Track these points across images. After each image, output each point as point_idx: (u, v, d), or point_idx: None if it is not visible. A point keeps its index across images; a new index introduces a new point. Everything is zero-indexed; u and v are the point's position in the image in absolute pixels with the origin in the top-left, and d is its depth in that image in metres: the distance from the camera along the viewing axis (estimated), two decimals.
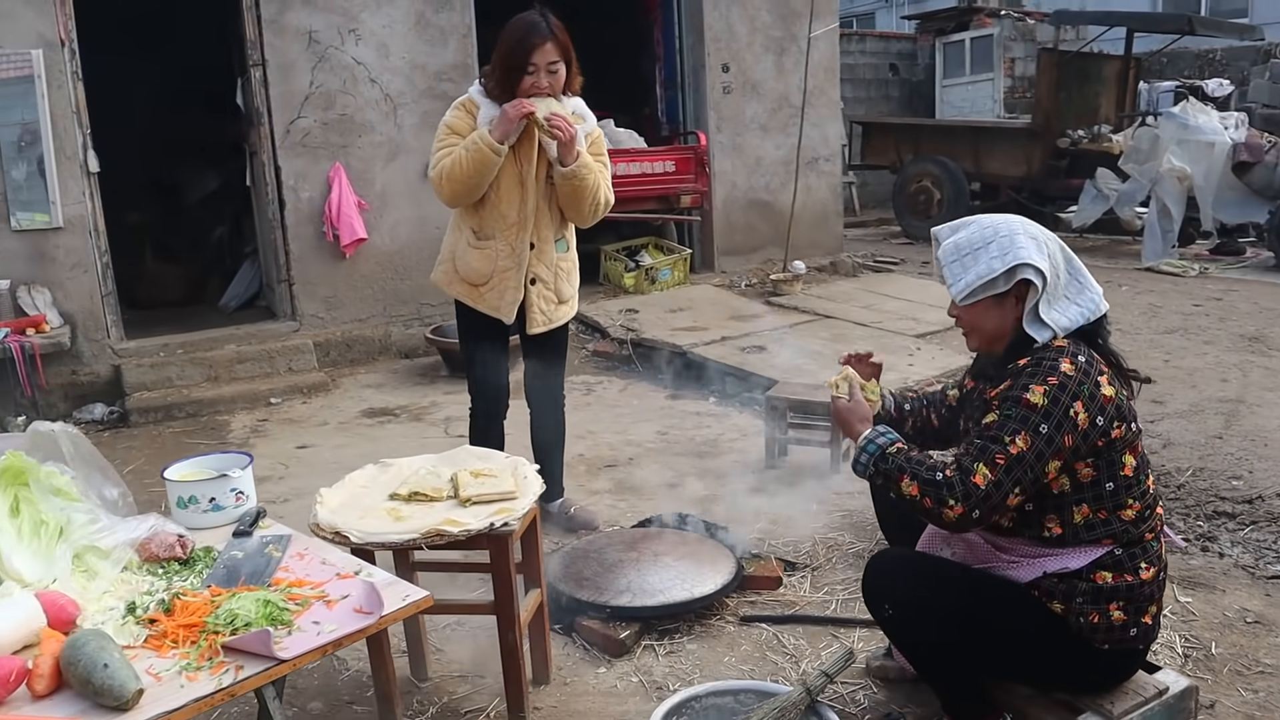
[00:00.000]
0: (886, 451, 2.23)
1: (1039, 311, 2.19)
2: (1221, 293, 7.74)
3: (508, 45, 3.30)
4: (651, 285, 7.69)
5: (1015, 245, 2.18)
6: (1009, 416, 2.11)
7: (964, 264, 2.23)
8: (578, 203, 3.44)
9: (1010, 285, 2.20)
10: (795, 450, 4.63)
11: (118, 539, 1.91)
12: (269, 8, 6.21)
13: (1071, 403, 2.09)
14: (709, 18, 7.95)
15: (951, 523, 2.12)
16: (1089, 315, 2.23)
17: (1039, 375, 2.13)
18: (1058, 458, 2.10)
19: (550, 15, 3.32)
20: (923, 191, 11.01)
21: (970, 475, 2.10)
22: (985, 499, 2.08)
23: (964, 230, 2.27)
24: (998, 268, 2.18)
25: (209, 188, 8.65)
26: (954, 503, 2.09)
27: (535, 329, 3.54)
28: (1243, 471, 4.32)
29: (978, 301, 2.24)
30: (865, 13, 22.10)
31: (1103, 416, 2.12)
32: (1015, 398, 2.12)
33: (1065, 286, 2.24)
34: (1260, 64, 13.52)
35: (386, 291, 6.81)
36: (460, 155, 3.26)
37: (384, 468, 2.78)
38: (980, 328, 2.30)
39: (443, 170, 3.31)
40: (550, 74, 3.30)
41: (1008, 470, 2.08)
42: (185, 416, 5.71)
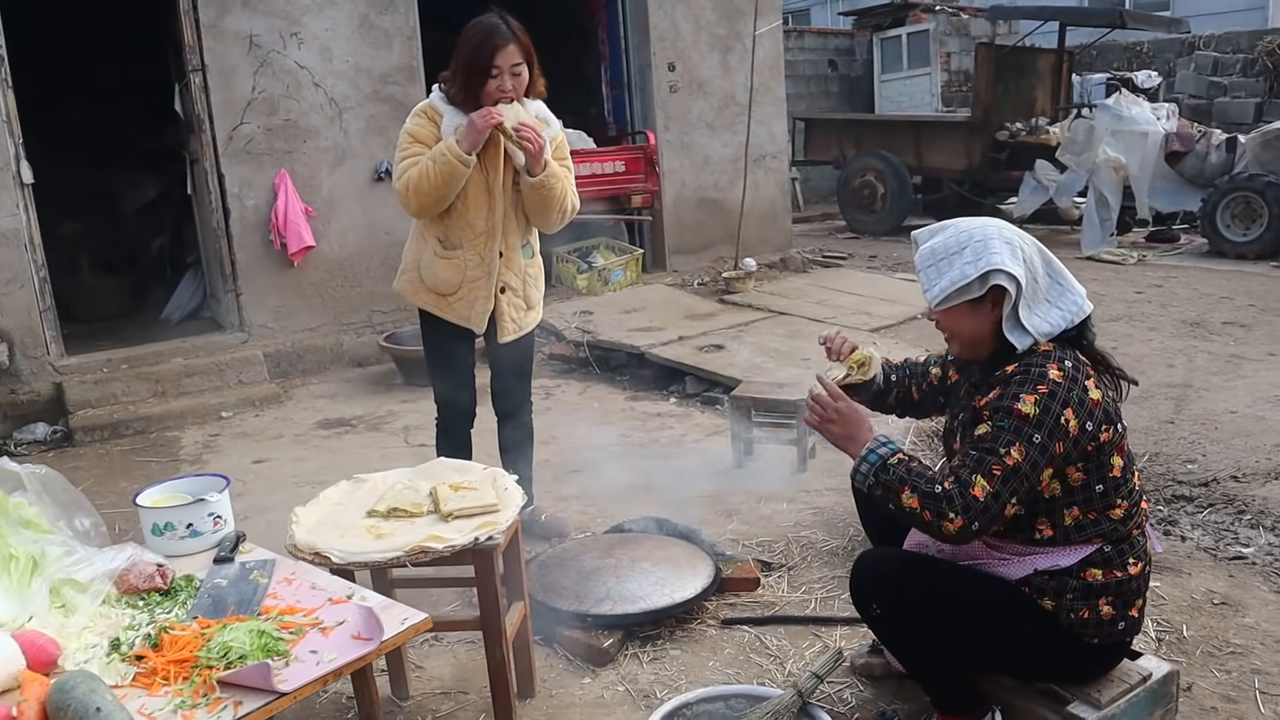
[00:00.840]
0: (888, 463, 2.19)
1: (1019, 316, 2.19)
2: (1161, 279, 7.94)
3: (469, 49, 3.22)
4: (604, 286, 7.66)
5: (989, 250, 2.18)
6: (1002, 428, 2.11)
7: (939, 269, 2.23)
8: (546, 211, 3.39)
9: (985, 290, 2.19)
10: (761, 449, 4.64)
11: (95, 571, 1.83)
12: (207, 12, 6.05)
13: (1062, 410, 2.10)
14: (654, 17, 7.94)
15: (951, 535, 2.11)
16: (1071, 318, 2.23)
17: (1028, 383, 2.13)
18: (1051, 465, 2.11)
19: (510, 17, 3.25)
20: (867, 186, 11.13)
21: (969, 488, 2.09)
22: (984, 510, 2.08)
23: (940, 235, 2.27)
24: (970, 273, 2.17)
25: (147, 196, 8.43)
26: (954, 515, 2.08)
27: (506, 337, 3.49)
28: (1196, 455, 4.42)
29: (953, 306, 2.24)
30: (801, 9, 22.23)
31: (1091, 421, 2.13)
32: (1006, 408, 2.12)
33: (1046, 290, 2.24)
34: (1185, 55, 13.89)
35: (337, 299, 6.69)
36: (427, 166, 3.18)
37: (358, 483, 2.71)
38: (958, 332, 2.31)
39: (409, 181, 3.23)
40: (514, 76, 3.24)
41: (1005, 481, 2.08)
42: (133, 434, 5.55)
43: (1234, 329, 6.44)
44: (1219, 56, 13.54)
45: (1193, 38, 13.50)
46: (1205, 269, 8.35)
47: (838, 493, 4.11)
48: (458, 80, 3.26)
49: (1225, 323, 6.58)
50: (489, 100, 3.23)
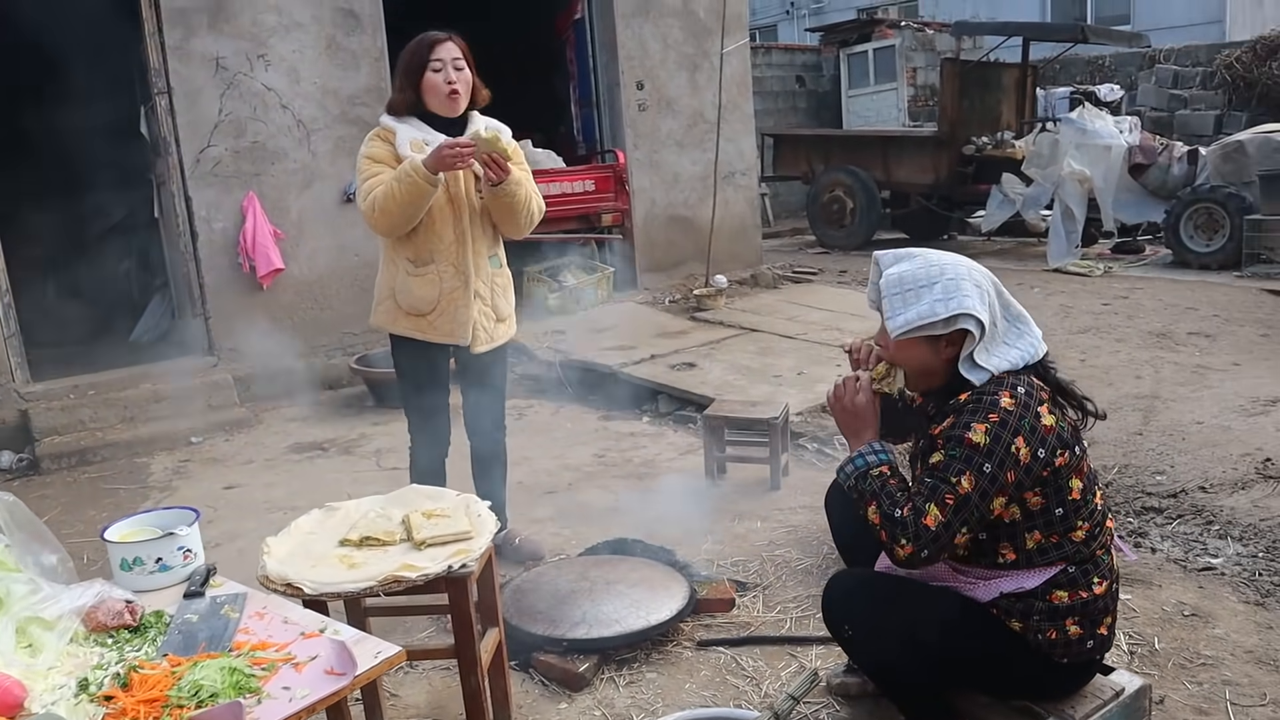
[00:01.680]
0: (869, 473, 2.22)
1: (976, 358, 2.20)
2: (1127, 291, 8.04)
3: (408, 52, 3.30)
4: (576, 305, 7.66)
5: (960, 291, 2.18)
6: (954, 456, 2.12)
7: (905, 299, 2.21)
8: (513, 216, 3.38)
9: (948, 331, 2.20)
10: (734, 468, 4.65)
11: (62, 608, 1.79)
12: (173, 34, 6.02)
13: (1012, 439, 2.11)
14: (622, 36, 7.97)
15: (901, 560, 2.14)
16: (1027, 359, 2.25)
17: (980, 412, 2.14)
18: (1002, 494, 2.12)
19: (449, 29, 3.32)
20: (836, 201, 11.20)
21: (922, 516, 2.11)
22: (934, 540, 2.10)
23: (908, 263, 2.26)
24: (940, 312, 2.17)
25: (113, 219, 8.35)
26: (905, 542, 2.11)
27: (480, 348, 3.47)
28: (1165, 466, 4.47)
29: (911, 340, 2.25)
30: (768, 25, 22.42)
31: (1044, 448, 2.14)
32: (958, 437, 2.13)
33: (1004, 333, 2.26)
34: (1146, 69, 14.11)
35: (307, 322, 6.65)
36: (393, 187, 3.16)
37: (330, 512, 2.69)
38: (905, 362, 2.31)
39: (375, 201, 3.22)
40: (456, 69, 3.27)
41: (956, 510, 2.10)
42: (101, 460, 5.48)
43: (1199, 339, 6.53)
44: (1179, 70, 13.77)
45: (1153, 51, 13.72)
46: (1170, 280, 8.46)
47: (811, 510, 4.12)
48: (398, 83, 3.31)
49: (1190, 333, 6.67)
50: (434, 94, 3.26)
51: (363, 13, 6.65)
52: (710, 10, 8.27)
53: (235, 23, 6.20)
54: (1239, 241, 8.45)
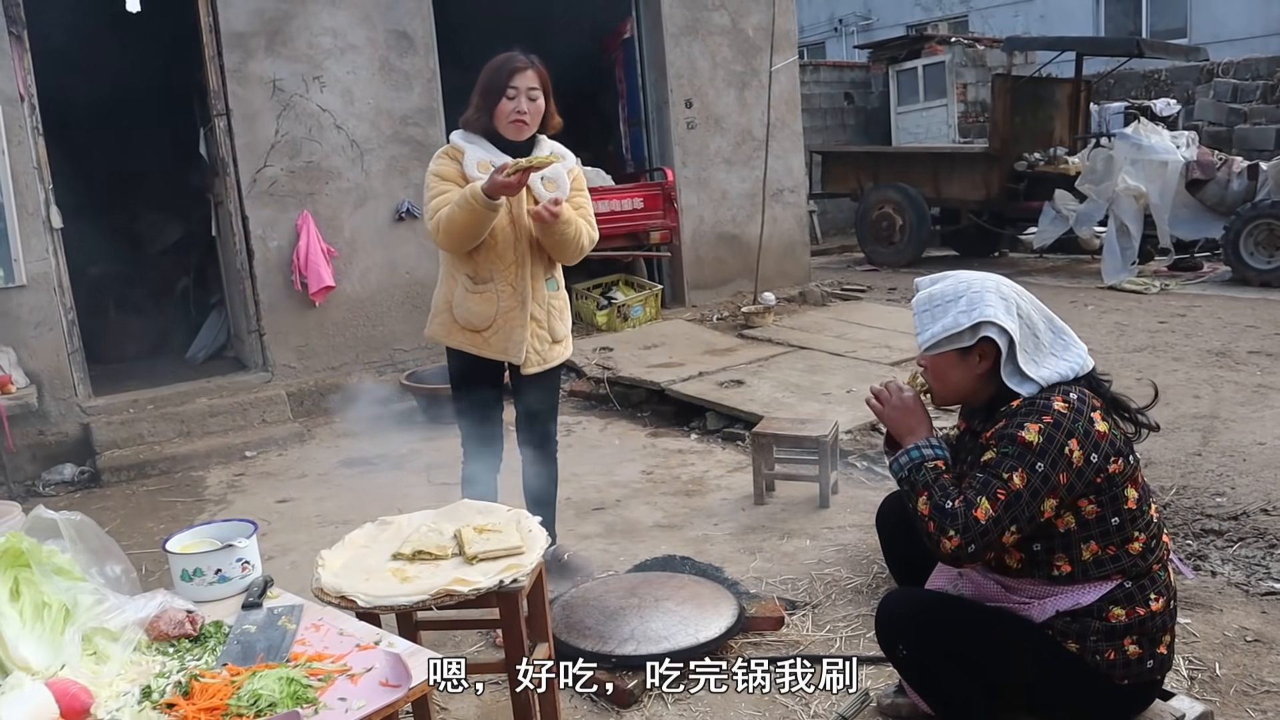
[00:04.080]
0: (924, 465, 2.24)
1: (1022, 368, 2.21)
2: (1185, 309, 7.88)
3: (489, 71, 3.33)
4: (624, 322, 7.69)
5: (983, 302, 2.21)
6: (1006, 454, 2.13)
7: (933, 314, 2.27)
8: (562, 249, 3.44)
9: (975, 341, 2.23)
10: (783, 486, 4.63)
11: (126, 619, 1.84)
12: (232, 57, 6.17)
13: (1066, 440, 2.11)
14: (670, 54, 8.02)
15: (947, 554, 2.14)
16: (1076, 371, 2.26)
17: (1034, 414, 2.15)
18: (1053, 495, 2.11)
19: (531, 54, 3.35)
20: (885, 218, 11.13)
21: (973, 509, 2.12)
22: (983, 534, 2.10)
23: (940, 283, 2.31)
24: (964, 322, 2.21)
25: (171, 238, 8.54)
26: (953, 534, 2.11)
27: (531, 369, 3.50)
28: (1225, 488, 4.37)
29: (942, 354, 2.28)
30: (815, 43, 22.39)
31: (1097, 453, 2.13)
32: (1011, 436, 2.14)
33: (1051, 345, 2.27)
34: (1204, 83, 13.87)
35: (359, 338, 6.75)
36: (455, 212, 3.21)
37: (383, 526, 2.72)
38: (942, 381, 2.33)
39: (439, 222, 3.28)
40: (530, 100, 3.31)
41: (1007, 506, 2.10)
42: (158, 474, 5.59)
43: (1260, 358, 6.38)
44: (1238, 83, 13.51)
45: (1211, 64, 13.47)
46: (1229, 297, 8.29)
47: (861, 529, 4.09)
48: (475, 102, 3.36)
49: (1251, 352, 6.53)
50: (503, 120, 3.31)
51: (415, 34, 6.76)
52: (759, 28, 8.29)
53: (292, 45, 6.34)
54: None
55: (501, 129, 3.34)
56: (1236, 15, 16.30)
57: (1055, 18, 18.09)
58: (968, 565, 2.22)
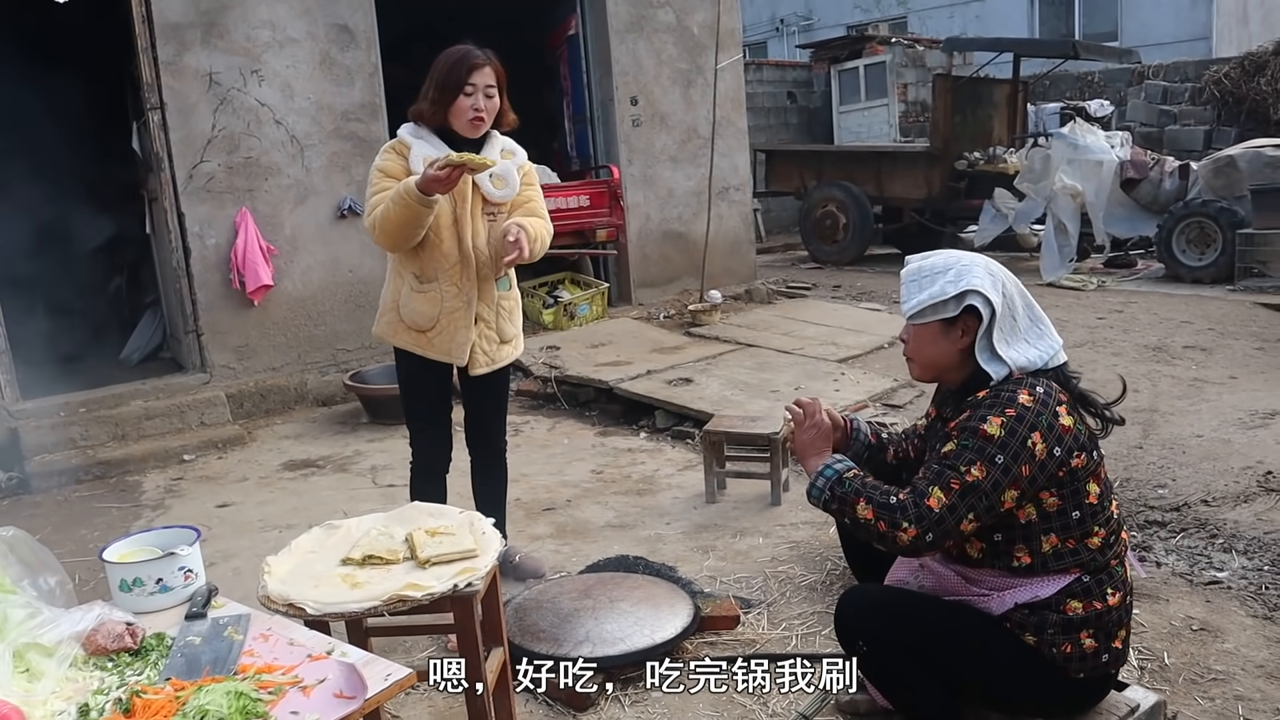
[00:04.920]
0: (844, 477, 2.26)
1: (995, 347, 2.21)
2: (1121, 305, 8.04)
3: (444, 66, 3.22)
4: (570, 321, 7.63)
5: (971, 274, 2.24)
6: (966, 446, 2.14)
7: (920, 284, 2.29)
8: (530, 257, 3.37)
9: (959, 311, 2.24)
10: (734, 484, 4.62)
11: (61, 633, 1.74)
12: (166, 49, 5.99)
13: (1029, 434, 2.12)
14: (616, 51, 7.97)
15: (905, 546, 2.14)
16: (1046, 360, 2.28)
17: (997, 407, 2.16)
18: (1014, 487, 2.12)
19: (485, 48, 3.27)
20: (829, 216, 11.21)
21: (925, 498, 2.13)
22: (939, 522, 2.11)
23: (930, 258, 2.33)
24: (949, 291, 2.23)
25: (103, 235, 8.27)
26: (907, 525, 2.12)
27: (478, 370, 3.43)
28: (1166, 480, 4.45)
29: (926, 325, 2.29)
30: (757, 42, 22.48)
31: (1060, 447, 2.14)
32: (973, 428, 2.15)
33: (1025, 330, 2.28)
34: (1135, 85, 14.20)
35: (300, 338, 6.60)
36: (390, 209, 3.12)
37: (331, 530, 2.63)
38: (923, 352, 2.33)
39: (375, 220, 3.19)
40: (487, 98, 3.23)
41: (962, 495, 2.11)
42: (92, 479, 5.41)
43: (1195, 353, 6.53)
44: (1168, 85, 13.85)
45: (1142, 67, 13.80)
46: (1163, 294, 8.48)
47: (814, 526, 4.09)
48: (430, 96, 3.24)
49: (1186, 347, 6.68)
50: (460, 118, 3.22)
51: (357, 28, 6.63)
52: (704, 26, 8.29)
53: (229, 38, 6.18)
54: (1231, 255, 8.48)
55: (458, 126, 3.25)
56: (1164, 20, 16.72)
57: (991, 19, 18.39)
58: (928, 554, 2.22)
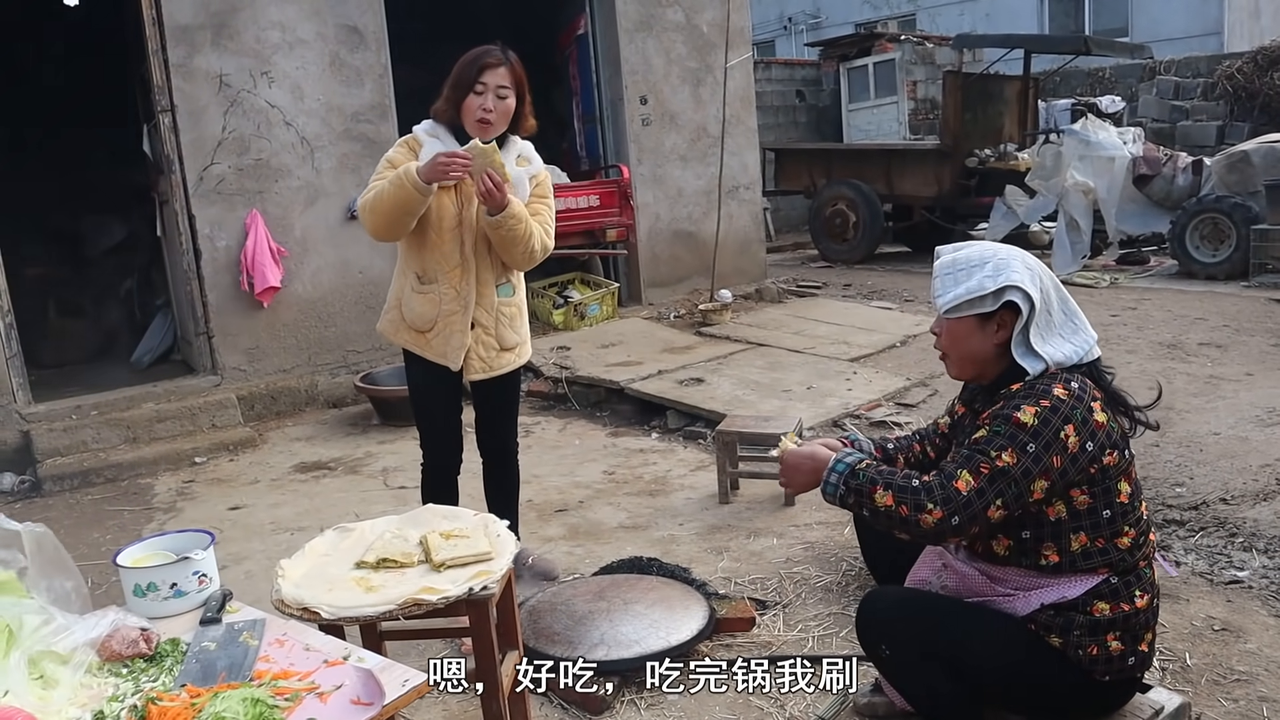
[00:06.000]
0: (856, 468, 2.22)
1: (1031, 343, 2.18)
2: (1135, 302, 7.98)
3: (460, 64, 3.23)
4: (581, 321, 7.62)
5: (1009, 268, 2.20)
6: (998, 433, 2.12)
7: (956, 278, 2.24)
8: (509, 250, 3.30)
9: (997, 306, 2.20)
10: (747, 484, 4.59)
11: (76, 639, 1.73)
12: (177, 52, 5.99)
13: (1062, 425, 2.09)
14: (625, 51, 7.95)
15: (930, 529, 2.10)
16: (1081, 355, 2.24)
17: (1031, 397, 2.14)
18: (1044, 477, 2.09)
19: (509, 50, 3.25)
20: (838, 215, 11.16)
21: (953, 480, 2.10)
22: (966, 505, 2.07)
23: (965, 250, 2.29)
24: (989, 286, 2.19)
25: (115, 238, 8.30)
26: (933, 506, 2.08)
27: (473, 375, 3.41)
28: (1184, 478, 4.41)
29: (962, 319, 2.24)
30: (765, 41, 22.45)
31: (1093, 442, 2.12)
32: (1005, 416, 2.13)
33: (1060, 325, 2.24)
34: (1146, 81, 14.12)
35: (311, 340, 6.60)
36: (385, 189, 3.12)
37: (344, 533, 2.62)
38: (958, 348, 2.29)
39: (367, 201, 3.19)
40: (499, 99, 3.21)
41: (991, 480, 2.08)
42: (104, 482, 5.41)
43: (1210, 350, 6.48)
44: (1180, 81, 13.77)
45: (1153, 63, 13.72)
46: (1177, 290, 8.41)
47: (828, 526, 4.07)
48: (444, 94, 3.26)
49: (1201, 344, 6.62)
50: (469, 116, 3.21)
51: (366, 29, 6.62)
52: (713, 25, 8.26)
53: (239, 40, 6.17)
54: (1245, 251, 8.41)
55: (467, 125, 3.23)
56: (1175, 15, 16.63)
57: (1000, 16, 18.32)
58: (953, 540, 2.18)
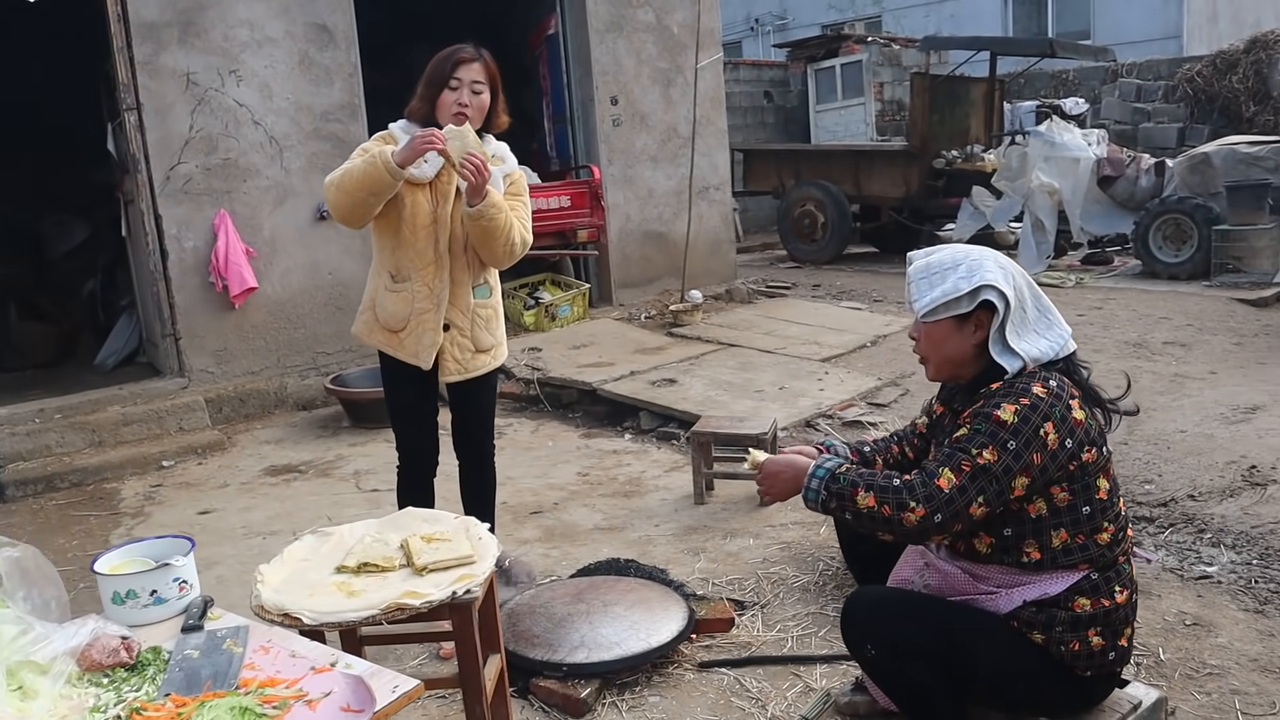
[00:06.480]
0: (836, 472, 2.23)
1: (1008, 341, 2.20)
2: (1101, 302, 8.08)
3: (434, 61, 3.22)
4: (552, 322, 7.60)
5: (983, 269, 2.22)
6: (978, 431, 2.14)
7: (931, 282, 2.26)
8: (488, 243, 3.28)
9: (973, 306, 2.22)
10: (722, 484, 4.60)
11: (56, 649, 1.69)
12: (143, 49, 5.90)
13: (1042, 423, 2.11)
14: (595, 51, 7.94)
15: (913, 527, 2.12)
16: (1057, 350, 2.26)
17: (1011, 395, 2.16)
18: (1025, 474, 2.11)
19: (482, 47, 3.24)
20: (807, 216, 11.20)
21: (934, 478, 2.12)
22: (948, 502, 2.10)
23: (937, 254, 2.31)
24: (964, 287, 2.21)
25: (77, 238, 8.17)
26: (915, 504, 2.10)
27: (448, 377, 3.39)
28: (1152, 475, 4.48)
29: (939, 322, 2.26)
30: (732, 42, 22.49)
31: (1072, 439, 2.14)
32: (986, 414, 2.15)
33: (1035, 322, 2.26)
34: (1109, 83, 14.31)
35: (280, 341, 6.52)
36: (355, 165, 3.10)
37: (323, 538, 2.59)
38: (937, 350, 2.31)
39: (334, 178, 3.16)
40: (474, 94, 3.20)
41: (972, 477, 2.10)
42: (69, 487, 5.32)
43: (1175, 349, 6.58)
44: (1141, 83, 13.97)
45: (1116, 65, 13.90)
46: (1141, 290, 8.53)
47: (803, 526, 4.08)
48: (419, 91, 3.25)
49: (1166, 343, 6.72)
50: (444, 112, 3.19)
51: (336, 28, 6.56)
52: (684, 25, 8.27)
53: (206, 38, 6.09)
54: (1207, 252, 8.54)
55: (442, 122, 3.22)
56: (1135, 18, 16.87)
57: (965, 18, 18.49)
58: (936, 538, 2.20)
